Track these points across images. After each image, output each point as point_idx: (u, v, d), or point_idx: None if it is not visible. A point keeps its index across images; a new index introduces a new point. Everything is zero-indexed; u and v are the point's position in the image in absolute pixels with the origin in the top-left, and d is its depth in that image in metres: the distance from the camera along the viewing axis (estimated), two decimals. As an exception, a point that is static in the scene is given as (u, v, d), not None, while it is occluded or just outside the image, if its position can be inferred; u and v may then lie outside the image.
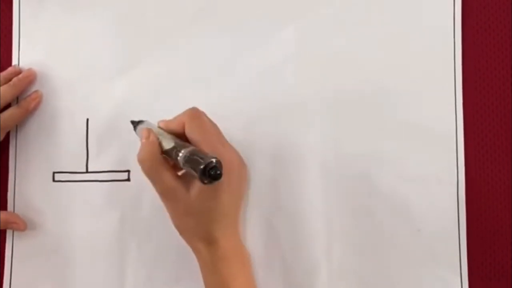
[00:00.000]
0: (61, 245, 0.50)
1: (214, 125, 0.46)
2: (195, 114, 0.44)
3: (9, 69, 0.51)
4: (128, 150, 0.50)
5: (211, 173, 0.39)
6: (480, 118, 0.48)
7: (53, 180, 0.50)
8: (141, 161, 0.43)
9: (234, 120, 0.49)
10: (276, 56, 0.50)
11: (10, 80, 0.50)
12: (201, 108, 0.47)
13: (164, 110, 0.49)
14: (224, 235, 0.44)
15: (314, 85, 0.49)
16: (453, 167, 0.48)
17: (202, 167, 0.39)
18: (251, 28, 0.50)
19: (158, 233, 0.49)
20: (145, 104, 0.50)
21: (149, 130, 0.44)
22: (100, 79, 0.51)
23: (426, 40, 0.49)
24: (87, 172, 0.50)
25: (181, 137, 0.44)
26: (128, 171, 0.50)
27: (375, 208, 0.48)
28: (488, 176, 0.48)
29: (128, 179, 0.50)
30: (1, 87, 0.49)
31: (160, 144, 0.43)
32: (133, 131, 0.47)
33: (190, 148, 0.41)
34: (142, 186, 0.49)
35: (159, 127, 0.45)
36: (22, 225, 0.50)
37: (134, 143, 0.49)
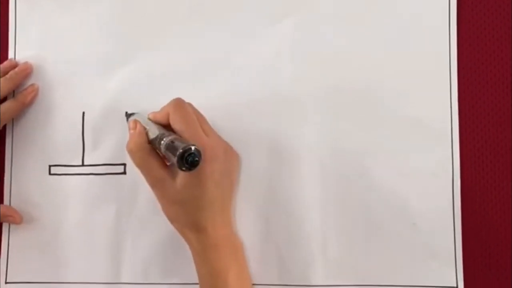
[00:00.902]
0: (57, 238, 0.50)
1: (199, 115, 0.46)
2: (178, 104, 0.45)
3: (6, 63, 0.51)
4: (124, 143, 0.49)
5: (188, 159, 0.40)
6: (475, 113, 0.49)
7: (49, 173, 0.51)
8: (130, 151, 0.45)
9: (230, 115, 0.49)
10: (273, 52, 0.50)
11: (6, 73, 0.50)
12: (197, 103, 0.47)
13: (159, 104, 0.49)
14: (212, 224, 0.45)
15: (310, 81, 0.49)
16: (448, 161, 0.48)
17: (179, 153, 0.40)
18: (248, 23, 0.50)
19: (154, 226, 0.49)
20: (140, 97, 0.50)
21: (136, 121, 0.46)
22: (96, 73, 0.51)
23: (422, 37, 0.49)
24: (83, 165, 0.50)
25: (168, 127, 0.45)
26: (124, 164, 0.50)
27: (371, 203, 0.48)
28: (482, 170, 0.48)
29: (124, 172, 0.50)
30: (-2, 81, 0.49)
31: (147, 134, 0.45)
32: (123, 124, 0.48)
33: (172, 136, 0.42)
34: (138, 179, 0.49)
35: (149, 118, 0.46)
36: (18, 218, 0.50)
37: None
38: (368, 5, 0.49)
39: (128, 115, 0.49)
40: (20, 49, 0.52)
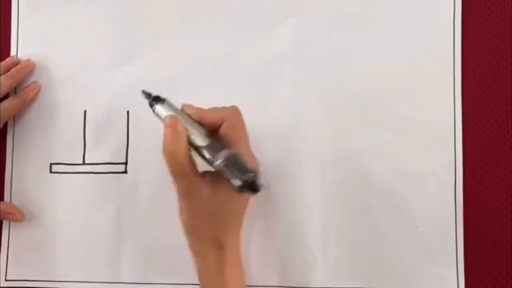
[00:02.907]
0: (57, 236, 0.50)
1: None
2: (239, 112, 0.42)
3: (8, 60, 0.51)
4: (125, 142, 0.50)
5: (254, 185, 0.38)
6: (478, 114, 0.48)
7: (50, 172, 0.50)
8: (168, 154, 0.40)
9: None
10: (274, 52, 0.50)
11: (8, 70, 0.50)
12: (198, 103, 0.47)
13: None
14: (234, 239, 0.43)
15: (312, 82, 0.49)
16: (451, 163, 0.48)
17: (248, 176, 0.38)
18: (249, 24, 0.50)
19: (155, 225, 0.49)
20: (142, 96, 0.50)
21: (176, 119, 0.41)
22: (98, 71, 0.51)
23: (426, 37, 0.49)
24: (84, 163, 0.50)
25: (210, 130, 0.42)
26: (125, 163, 0.50)
27: (373, 204, 0.48)
28: (485, 172, 0.48)
29: (125, 171, 0.50)
30: (0, 78, 0.49)
31: (188, 137, 0.41)
32: (127, 122, 0.48)
33: (232, 152, 0.39)
34: (139, 178, 0.49)
35: (184, 112, 0.42)
36: (19, 216, 0.50)
37: (131, 135, 0.50)
38: (371, 6, 0.49)
39: (152, 99, 0.43)
40: (22, 47, 0.52)
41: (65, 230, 0.50)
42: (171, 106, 0.42)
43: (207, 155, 0.40)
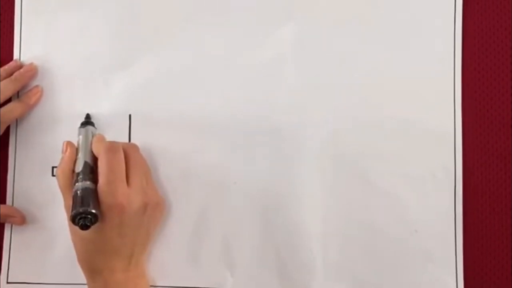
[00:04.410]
0: (59, 239, 0.50)
1: (137, 164, 0.46)
2: (109, 148, 0.45)
3: (11, 64, 0.51)
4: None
5: (79, 222, 0.41)
6: (478, 116, 0.48)
7: (52, 175, 0.50)
8: (56, 175, 0.46)
9: (232, 118, 0.49)
10: (275, 54, 0.50)
11: (11, 74, 0.50)
12: (199, 105, 0.47)
13: (162, 105, 0.49)
14: (110, 268, 0.45)
15: (312, 84, 0.49)
16: (451, 166, 0.48)
17: (72, 213, 0.41)
18: (250, 27, 0.50)
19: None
20: (144, 99, 0.50)
21: (68, 144, 0.47)
22: (100, 75, 0.51)
23: (426, 39, 0.49)
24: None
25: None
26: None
27: (372, 207, 0.48)
28: (485, 176, 0.48)
29: (126, 175, 0.50)
30: (2, 81, 0.49)
31: (74, 162, 0.46)
32: (129, 126, 0.49)
33: (85, 185, 0.43)
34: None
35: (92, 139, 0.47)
36: (20, 219, 0.50)
37: (133, 139, 0.50)
38: (372, 9, 0.49)
39: (81, 124, 0.49)
40: (25, 50, 0.52)
41: (67, 233, 0.49)
42: (88, 133, 0.48)
43: (74, 181, 0.44)
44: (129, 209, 0.43)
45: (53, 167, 0.51)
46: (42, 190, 0.50)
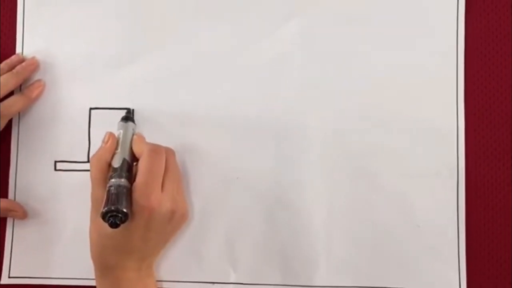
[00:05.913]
0: (61, 233, 0.50)
1: (173, 171, 0.46)
2: (154, 150, 0.45)
3: (13, 57, 0.51)
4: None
5: (109, 220, 0.41)
6: (481, 114, 0.49)
7: (55, 169, 0.50)
8: (91, 163, 0.45)
9: (236, 115, 0.50)
10: (279, 52, 0.50)
11: (13, 68, 0.50)
12: (202, 102, 0.47)
13: (165, 100, 0.49)
14: (122, 266, 0.45)
15: (316, 81, 0.49)
16: (454, 163, 0.48)
17: (104, 209, 0.41)
18: (255, 24, 0.50)
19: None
20: (147, 95, 0.50)
21: (111, 136, 0.46)
22: (103, 69, 0.51)
23: (430, 38, 0.49)
24: (88, 161, 0.50)
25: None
26: (130, 161, 0.50)
27: (376, 203, 0.48)
28: (488, 172, 0.48)
29: (130, 169, 0.50)
30: (4, 75, 0.49)
31: (113, 155, 0.45)
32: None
33: (118, 181, 0.43)
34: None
35: (132, 137, 0.47)
36: (22, 214, 0.50)
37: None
38: (376, 7, 0.49)
39: (122, 119, 0.48)
40: (28, 44, 0.51)
41: (69, 228, 0.50)
42: (128, 129, 0.47)
43: (109, 176, 0.44)
44: (158, 214, 0.43)
45: (55, 161, 0.50)
46: (44, 185, 0.50)
